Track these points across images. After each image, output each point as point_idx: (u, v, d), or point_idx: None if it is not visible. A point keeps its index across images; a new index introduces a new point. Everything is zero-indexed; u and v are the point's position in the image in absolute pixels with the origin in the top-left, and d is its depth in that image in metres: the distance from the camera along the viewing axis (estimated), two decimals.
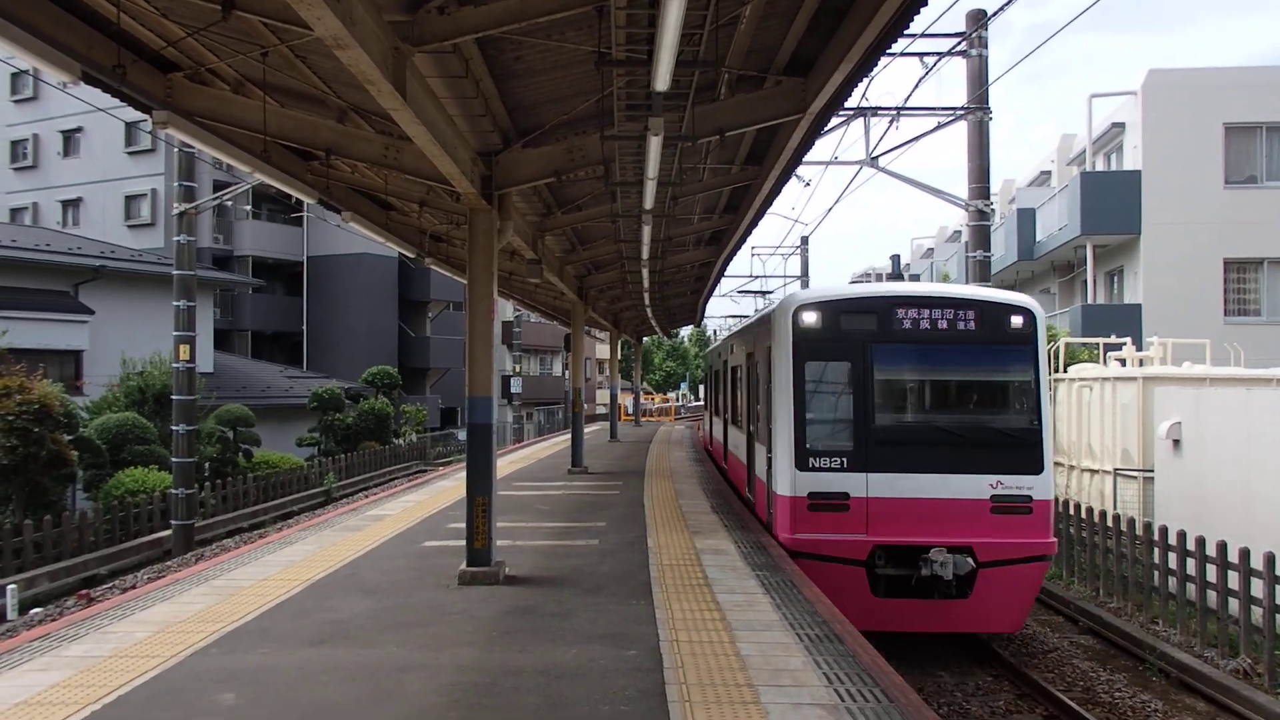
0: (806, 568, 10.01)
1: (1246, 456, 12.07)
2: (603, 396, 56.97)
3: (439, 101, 8.25)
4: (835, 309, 11.13)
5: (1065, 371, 19.17)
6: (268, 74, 8.46)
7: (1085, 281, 29.01)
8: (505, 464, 22.53)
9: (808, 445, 10.83)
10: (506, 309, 44.98)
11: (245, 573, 9.85)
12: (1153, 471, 14.86)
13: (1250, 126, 25.62)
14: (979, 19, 16.21)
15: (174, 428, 18.39)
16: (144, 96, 8.19)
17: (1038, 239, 31.54)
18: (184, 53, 8.32)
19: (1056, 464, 16.06)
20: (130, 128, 37.42)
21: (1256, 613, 10.07)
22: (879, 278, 42.55)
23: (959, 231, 42.00)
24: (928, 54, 15.87)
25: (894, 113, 17.41)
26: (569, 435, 23.23)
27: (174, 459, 18.46)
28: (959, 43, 16.07)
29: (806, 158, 11.96)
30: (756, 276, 39.36)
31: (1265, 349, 22.38)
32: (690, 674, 6.29)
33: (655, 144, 8.67)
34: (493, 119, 9.50)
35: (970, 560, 10.31)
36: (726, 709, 5.61)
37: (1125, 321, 24.59)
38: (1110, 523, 13.29)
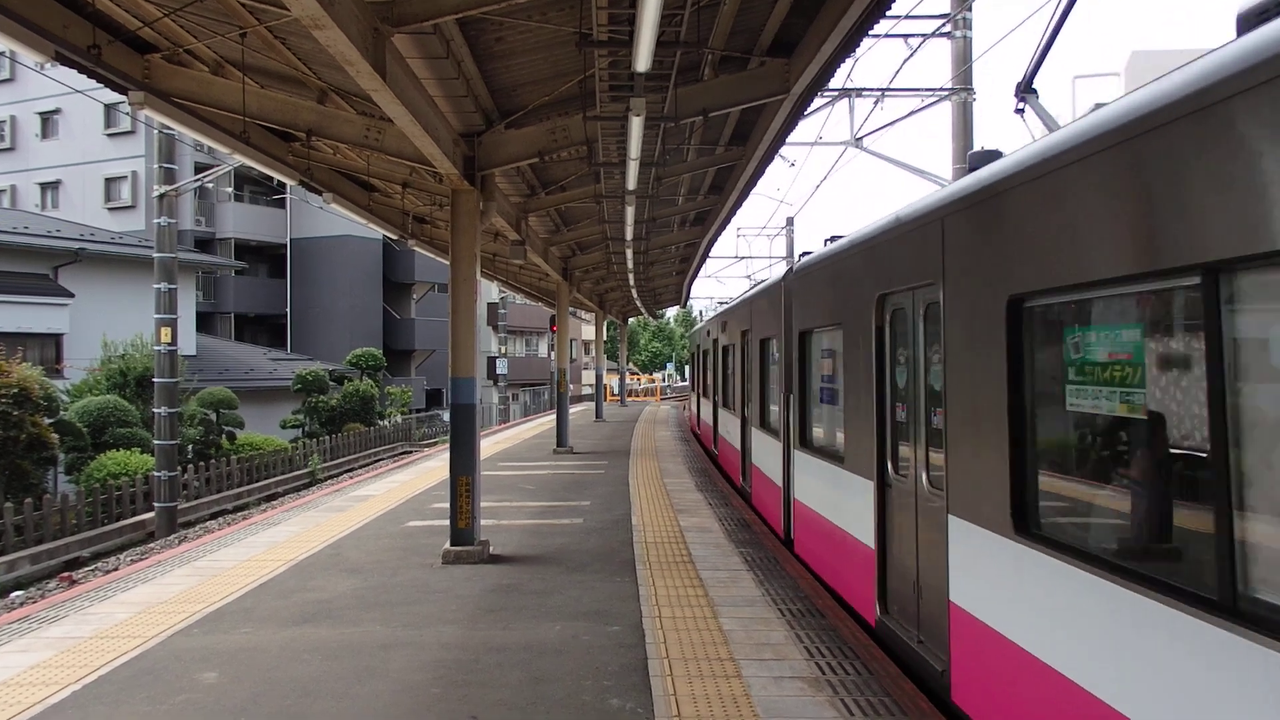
0: None
1: None
2: (588, 377, 57.03)
3: (420, 82, 8.22)
4: None
5: None
6: (246, 55, 8.41)
7: None
8: (490, 444, 22.56)
9: None
10: (491, 290, 44.93)
11: (228, 554, 9.87)
12: None
13: None
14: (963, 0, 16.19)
15: (156, 410, 18.30)
16: (120, 78, 8.14)
17: None
18: (161, 33, 8.27)
19: None
20: (110, 109, 37.10)
21: None
22: None
23: None
24: (912, 35, 15.87)
25: (878, 94, 17.41)
26: (554, 416, 23.26)
27: (156, 441, 18.38)
28: (943, 24, 16.06)
29: (791, 138, 11.97)
30: (742, 257, 39.28)
31: None
32: (673, 649, 6.35)
33: (637, 124, 8.67)
34: (475, 100, 9.47)
35: None
36: (709, 682, 5.68)
37: None
38: None
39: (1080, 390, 4.02)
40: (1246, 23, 3.20)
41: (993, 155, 5.45)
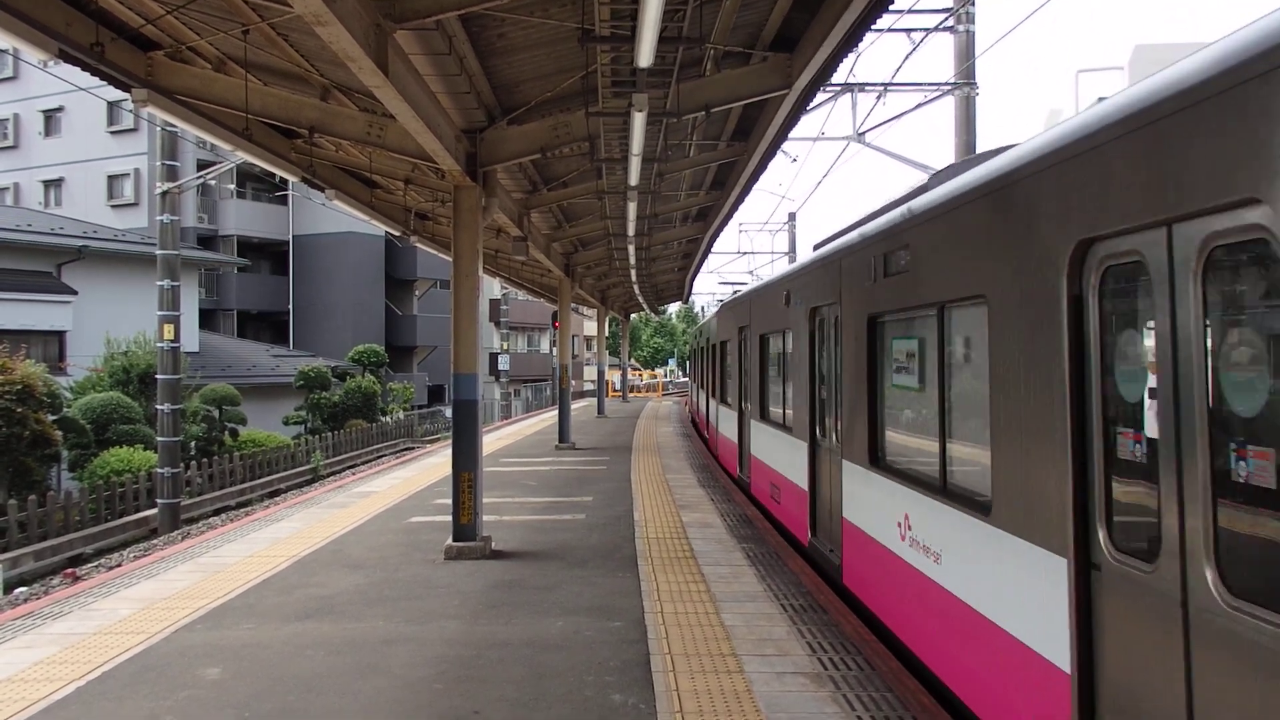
0: None
1: None
2: (590, 373, 57.04)
3: (422, 79, 8.22)
4: None
5: None
6: (249, 52, 8.41)
7: None
8: (493, 440, 22.58)
9: None
10: (493, 286, 44.96)
11: (231, 550, 9.88)
12: None
13: None
14: None
15: (159, 407, 18.34)
16: (123, 75, 8.13)
17: None
18: (164, 31, 8.26)
19: None
20: (113, 107, 37.10)
21: None
22: None
23: None
24: (914, 30, 15.85)
25: (881, 88, 17.39)
26: (556, 412, 23.28)
27: (159, 438, 18.43)
28: (946, 18, 16.04)
29: (793, 133, 12.01)
30: (744, 253, 39.30)
31: None
32: (675, 645, 6.36)
33: (639, 120, 8.66)
34: (477, 96, 9.47)
35: None
36: (710, 678, 5.69)
37: None
38: None
39: None
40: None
41: None
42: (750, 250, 44.00)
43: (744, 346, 14.44)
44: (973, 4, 16.42)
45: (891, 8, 7.72)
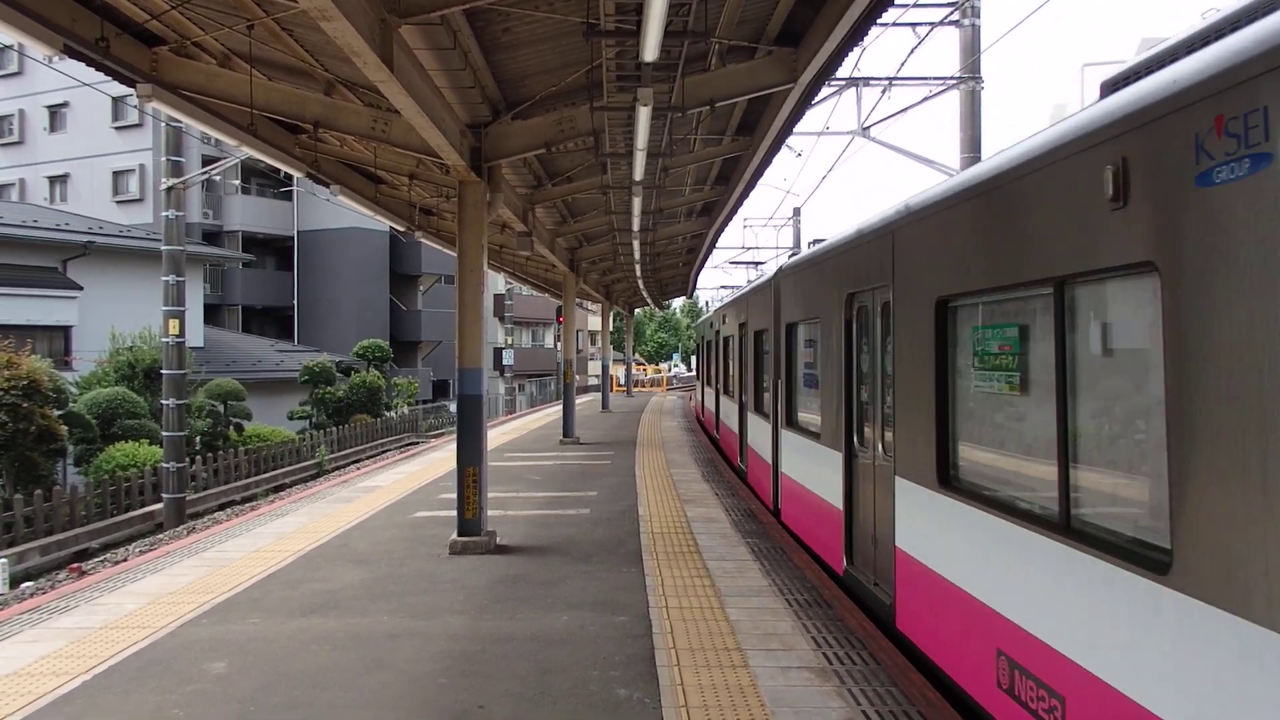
0: None
1: None
2: (594, 368, 57.06)
3: (427, 74, 8.22)
4: None
5: None
6: (254, 47, 8.41)
7: None
8: (497, 435, 22.59)
9: None
10: (498, 282, 44.94)
11: (237, 544, 9.90)
12: None
13: None
14: None
15: (164, 402, 18.37)
16: (128, 70, 8.14)
17: None
18: (169, 26, 8.27)
19: None
20: (117, 103, 37.14)
21: None
22: None
23: None
24: (920, 24, 15.82)
25: (886, 83, 17.35)
26: (561, 406, 23.28)
27: (164, 433, 18.45)
28: (951, 12, 16.00)
29: (798, 128, 12.02)
30: (749, 248, 39.31)
31: None
32: (680, 639, 6.36)
33: (644, 115, 8.66)
34: (482, 91, 9.47)
35: None
36: (715, 673, 5.69)
37: None
38: None
39: None
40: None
41: None
42: (755, 245, 44.00)
43: (858, 333, 7.88)
44: None
45: (897, 2, 7.72)
